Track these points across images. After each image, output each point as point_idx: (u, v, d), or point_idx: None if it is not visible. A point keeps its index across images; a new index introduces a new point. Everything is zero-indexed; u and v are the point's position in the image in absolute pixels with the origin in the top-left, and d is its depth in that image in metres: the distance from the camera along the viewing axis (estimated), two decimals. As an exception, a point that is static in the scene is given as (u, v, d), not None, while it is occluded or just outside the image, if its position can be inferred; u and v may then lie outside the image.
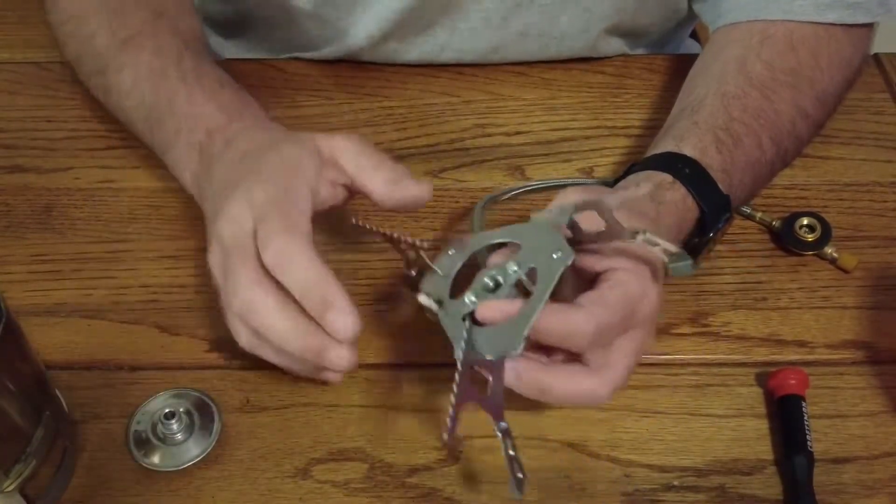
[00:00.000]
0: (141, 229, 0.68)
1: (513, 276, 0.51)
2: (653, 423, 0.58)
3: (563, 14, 0.77)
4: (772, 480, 0.56)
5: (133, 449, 0.56)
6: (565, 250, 0.50)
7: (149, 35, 0.68)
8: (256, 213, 0.53)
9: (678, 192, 0.59)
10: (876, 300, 0.64)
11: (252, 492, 0.55)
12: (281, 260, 0.51)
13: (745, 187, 0.64)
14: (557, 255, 0.50)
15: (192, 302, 0.64)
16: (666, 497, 0.55)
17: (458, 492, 0.55)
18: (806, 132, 0.69)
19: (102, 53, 0.69)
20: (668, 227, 0.58)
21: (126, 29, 0.68)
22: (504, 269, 0.51)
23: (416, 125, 0.76)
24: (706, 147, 0.62)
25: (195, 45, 0.69)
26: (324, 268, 0.51)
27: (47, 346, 0.61)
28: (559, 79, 0.80)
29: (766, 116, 0.65)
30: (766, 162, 0.66)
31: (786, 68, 0.67)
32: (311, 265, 0.51)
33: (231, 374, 0.60)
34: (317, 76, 0.80)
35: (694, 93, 0.68)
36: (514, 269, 0.51)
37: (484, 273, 0.52)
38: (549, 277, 0.50)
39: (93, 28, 0.70)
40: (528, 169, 0.73)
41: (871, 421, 0.58)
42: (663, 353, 0.62)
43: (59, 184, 0.72)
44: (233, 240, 0.53)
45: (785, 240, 0.66)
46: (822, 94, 0.69)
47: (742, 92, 0.66)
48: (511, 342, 0.49)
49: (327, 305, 0.51)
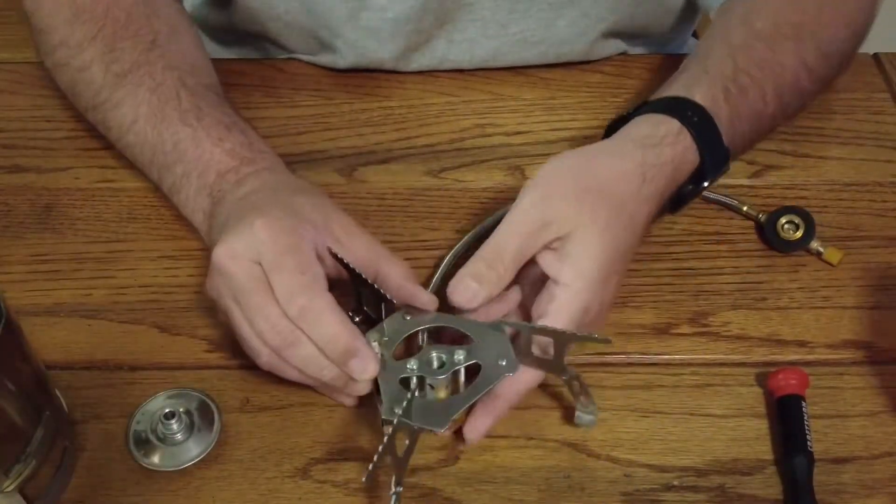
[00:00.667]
0: (140, 229, 0.68)
1: (457, 362, 0.54)
2: (653, 423, 0.58)
3: (560, 19, 0.77)
4: (771, 480, 0.56)
5: (133, 449, 0.56)
6: (511, 363, 0.54)
7: (145, 70, 0.67)
8: (265, 255, 0.54)
9: (682, 142, 0.60)
10: (876, 300, 0.64)
11: (252, 492, 0.55)
12: (306, 317, 0.53)
13: (745, 139, 0.66)
14: (503, 364, 0.54)
15: (192, 302, 0.64)
16: (666, 497, 0.55)
17: (458, 492, 0.55)
18: (809, 85, 0.69)
19: (98, 89, 0.68)
20: (649, 196, 0.59)
21: (120, 63, 0.67)
22: (451, 353, 0.55)
23: (416, 125, 0.76)
24: (716, 95, 0.63)
25: (191, 79, 0.67)
26: (346, 322, 0.54)
27: (47, 346, 0.61)
28: (559, 79, 0.80)
29: (770, 68, 0.66)
30: (768, 115, 0.67)
31: (790, 22, 0.68)
32: (334, 322, 0.53)
33: (231, 374, 0.60)
34: (317, 76, 0.80)
35: (702, 44, 0.69)
36: (459, 358, 0.54)
37: (433, 349, 0.55)
38: (489, 380, 0.53)
39: (86, 60, 0.68)
40: (527, 169, 0.73)
41: (871, 421, 0.58)
42: (663, 353, 0.62)
43: (58, 184, 0.72)
44: (247, 279, 0.54)
45: (770, 238, 0.66)
46: (825, 47, 0.69)
47: (747, 43, 0.66)
48: (439, 421, 0.52)
49: (350, 355, 0.53)
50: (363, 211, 0.70)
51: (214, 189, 0.62)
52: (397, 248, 0.67)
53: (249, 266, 0.54)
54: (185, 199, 0.64)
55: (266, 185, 0.61)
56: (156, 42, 0.68)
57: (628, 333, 0.62)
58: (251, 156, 0.63)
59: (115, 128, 0.68)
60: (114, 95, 0.67)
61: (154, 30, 0.69)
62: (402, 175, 0.72)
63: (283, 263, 0.54)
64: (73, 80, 0.70)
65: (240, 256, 0.54)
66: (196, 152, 0.63)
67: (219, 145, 0.63)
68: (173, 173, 0.64)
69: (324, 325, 0.53)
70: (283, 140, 0.74)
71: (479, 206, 0.70)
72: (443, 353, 0.55)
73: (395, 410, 0.52)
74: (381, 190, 0.71)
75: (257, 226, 0.55)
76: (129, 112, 0.66)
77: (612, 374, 0.60)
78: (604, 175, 0.58)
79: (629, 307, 0.64)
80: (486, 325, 0.56)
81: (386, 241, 0.66)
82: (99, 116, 0.69)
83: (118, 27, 0.68)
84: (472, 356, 0.54)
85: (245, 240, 0.55)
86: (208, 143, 0.63)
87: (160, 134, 0.65)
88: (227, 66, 0.80)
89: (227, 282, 0.55)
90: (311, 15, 0.76)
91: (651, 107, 0.63)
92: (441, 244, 0.68)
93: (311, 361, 0.54)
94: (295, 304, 0.53)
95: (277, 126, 0.76)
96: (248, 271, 0.54)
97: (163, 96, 0.66)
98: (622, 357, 0.61)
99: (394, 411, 0.52)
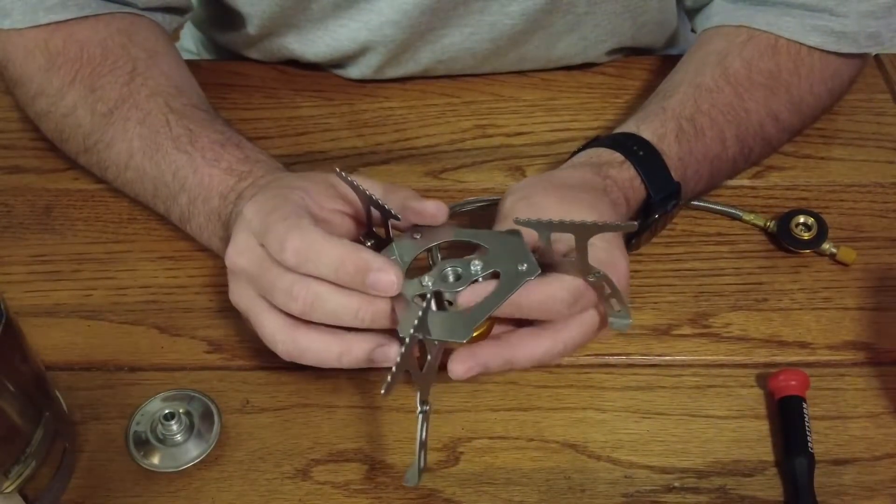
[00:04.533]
0: (140, 230, 0.68)
1: (474, 274, 0.52)
2: (653, 425, 0.58)
3: (560, 42, 0.77)
4: (772, 482, 0.55)
5: (133, 450, 0.56)
6: (531, 266, 0.51)
7: (129, 104, 0.65)
8: (256, 231, 0.53)
9: (627, 172, 0.61)
10: (877, 301, 0.64)
11: (252, 493, 0.55)
12: (305, 255, 0.51)
13: (702, 179, 0.66)
14: (523, 268, 0.51)
15: (192, 302, 0.64)
16: (666, 498, 0.55)
17: (458, 493, 0.55)
18: (776, 136, 0.70)
19: (87, 132, 0.67)
20: (615, 200, 0.59)
21: (104, 103, 0.66)
22: (467, 264, 0.52)
23: (417, 126, 0.76)
24: (666, 134, 0.64)
25: (176, 102, 0.66)
26: (346, 243, 0.51)
27: (47, 347, 0.61)
28: (559, 80, 0.80)
29: (734, 113, 0.66)
30: (728, 158, 0.67)
31: (764, 69, 0.68)
32: (331, 244, 0.51)
33: (231, 375, 0.60)
34: (317, 77, 0.80)
35: (672, 79, 0.70)
36: (476, 269, 0.52)
37: (447, 263, 0.53)
38: (511, 286, 0.51)
39: (69, 105, 0.67)
40: (528, 170, 0.73)
41: (872, 422, 0.58)
42: (664, 355, 0.61)
43: (58, 184, 0.72)
44: (254, 265, 0.53)
45: (782, 239, 0.66)
46: (797, 101, 0.69)
47: (716, 85, 0.67)
48: (459, 333, 0.50)
49: (364, 272, 0.50)
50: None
51: (223, 214, 0.61)
52: (398, 249, 0.67)
53: (254, 252, 0.53)
54: (197, 227, 0.63)
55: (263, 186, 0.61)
56: (135, 71, 0.67)
57: (629, 334, 0.62)
58: (247, 169, 0.62)
59: (111, 167, 0.67)
60: (105, 136, 0.66)
61: (132, 57, 0.68)
62: (402, 176, 0.72)
63: (268, 223, 0.52)
64: (58, 127, 0.69)
65: (244, 249, 0.54)
66: (195, 178, 0.62)
67: (215, 166, 0.62)
68: (179, 204, 0.63)
69: (324, 254, 0.51)
70: (283, 141, 0.74)
71: (480, 207, 0.70)
72: (458, 265, 0.52)
73: (411, 330, 0.49)
74: (381, 191, 0.71)
75: (246, 212, 0.54)
76: (123, 149, 0.65)
77: (613, 375, 0.60)
78: (571, 180, 0.60)
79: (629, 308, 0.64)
80: (500, 233, 0.54)
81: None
82: (93, 159, 0.68)
83: (95, 65, 0.67)
84: (490, 265, 0.52)
85: (242, 231, 0.54)
86: (205, 167, 0.62)
87: (158, 165, 0.64)
88: (227, 68, 0.80)
89: (243, 278, 0.54)
90: None
91: (599, 142, 0.64)
92: (441, 244, 0.67)
93: (342, 310, 0.51)
94: (288, 249, 0.51)
95: (278, 127, 0.76)
96: (255, 258, 0.53)
97: (152, 126, 0.64)
98: (623, 358, 0.61)
99: (410, 329, 0.49)
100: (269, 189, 0.57)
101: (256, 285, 0.54)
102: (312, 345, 0.52)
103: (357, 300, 0.51)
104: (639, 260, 0.67)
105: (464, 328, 0.50)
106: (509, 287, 0.51)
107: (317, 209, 0.55)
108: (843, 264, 0.66)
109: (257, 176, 0.61)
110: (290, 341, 0.52)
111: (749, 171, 0.72)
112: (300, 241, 0.51)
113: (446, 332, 0.50)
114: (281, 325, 0.53)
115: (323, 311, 0.51)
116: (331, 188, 0.57)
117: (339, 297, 0.51)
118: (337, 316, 0.51)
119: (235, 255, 0.54)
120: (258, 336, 0.54)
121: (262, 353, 0.61)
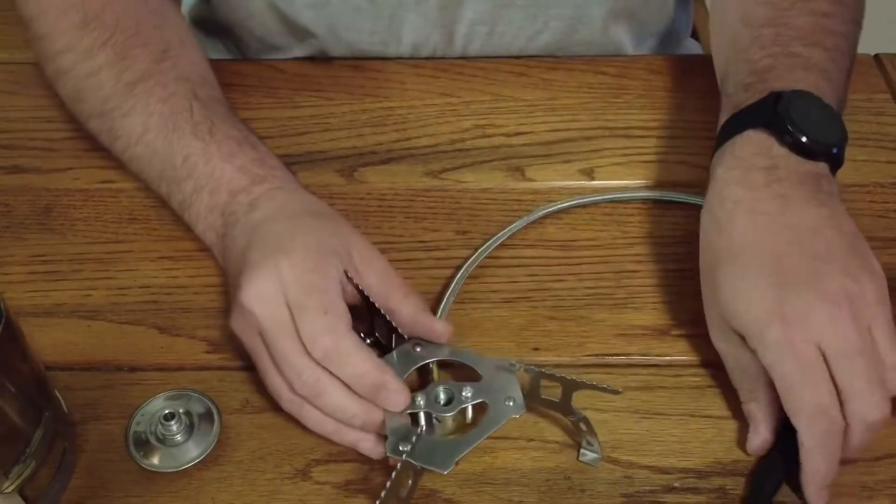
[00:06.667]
0: (140, 230, 0.68)
1: (464, 400, 0.54)
2: (653, 425, 0.58)
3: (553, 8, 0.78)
4: (772, 482, 0.55)
5: (133, 450, 0.56)
6: (518, 404, 0.54)
7: (156, 80, 0.66)
8: (290, 296, 0.54)
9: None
10: (877, 301, 0.64)
11: (252, 493, 0.55)
12: (332, 358, 0.54)
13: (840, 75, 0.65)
14: (510, 405, 0.54)
15: (192, 303, 0.64)
16: (666, 498, 0.55)
17: (458, 493, 0.55)
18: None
19: (107, 96, 0.67)
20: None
21: (132, 72, 0.66)
22: (459, 389, 0.55)
23: (417, 125, 0.76)
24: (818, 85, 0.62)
25: (202, 91, 0.67)
26: (372, 357, 0.54)
27: (47, 347, 0.61)
28: (560, 79, 0.80)
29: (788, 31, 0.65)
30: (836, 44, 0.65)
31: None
32: (361, 360, 0.54)
33: (231, 375, 0.60)
34: (317, 76, 0.80)
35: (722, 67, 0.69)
36: (467, 395, 0.54)
37: (440, 384, 0.55)
38: (496, 421, 0.54)
39: (95, 66, 0.67)
40: (528, 170, 0.73)
41: (872, 422, 0.58)
42: (664, 355, 0.61)
43: (58, 184, 0.71)
44: (273, 324, 0.54)
45: None
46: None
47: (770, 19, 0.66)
48: (443, 463, 0.52)
49: (380, 389, 0.54)
50: (363, 212, 0.70)
51: (227, 210, 0.61)
52: (397, 249, 0.67)
53: (277, 310, 0.54)
54: (195, 216, 0.63)
55: (282, 208, 0.61)
56: (167, 52, 0.68)
57: (629, 335, 0.62)
58: (262, 173, 0.62)
59: (123, 137, 0.67)
60: (124, 104, 0.66)
61: (165, 40, 0.69)
62: (402, 176, 0.72)
63: (307, 303, 0.54)
64: (77, 86, 0.69)
65: (268, 301, 0.55)
66: (206, 168, 0.62)
67: (230, 162, 0.62)
68: (183, 190, 0.64)
69: (350, 364, 0.54)
70: (283, 141, 0.74)
71: (480, 207, 0.70)
72: (451, 388, 0.55)
73: (400, 448, 0.52)
74: (381, 191, 0.71)
75: (283, 267, 0.55)
76: (139, 122, 0.65)
77: (613, 375, 0.60)
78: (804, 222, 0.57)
79: (630, 308, 0.64)
80: (495, 362, 0.56)
81: (386, 241, 0.67)
82: (106, 125, 0.68)
83: (128, 36, 0.68)
84: (480, 394, 0.54)
85: (273, 283, 0.55)
86: (219, 160, 0.62)
87: (171, 146, 0.64)
88: (226, 67, 0.80)
89: (255, 323, 0.55)
90: None
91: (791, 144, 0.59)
92: (441, 245, 0.68)
93: (341, 411, 0.54)
94: (320, 345, 0.53)
95: (277, 126, 0.76)
96: (276, 316, 0.54)
97: (175, 107, 0.65)
98: (623, 358, 0.61)
99: (399, 449, 0.52)
100: (302, 241, 0.57)
101: (266, 338, 0.55)
102: (312, 416, 0.56)
103: (359, 406, 0.54)
104: (639, 260, 0.67)
105: (446, 459, 0.52)
106: (495, 421, 0.53)
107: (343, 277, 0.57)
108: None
109: (273, 185, 0.62)
110: (296, 407, 0.56)
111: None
112: (332, 345, 0.53)
113: (429, 458, 0.52)
114: (287, 390, 0.55)
115: (322, 403, 0.55)
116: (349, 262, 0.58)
117: (344, 399, 0.54)
118: (333, 412, 0.55)
119: (256, 300, 0.55)
120: None
121: (262, 353, 0.61)
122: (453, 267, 0.66)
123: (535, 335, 0.62)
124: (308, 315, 0.54)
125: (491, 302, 0.64)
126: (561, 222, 0.69)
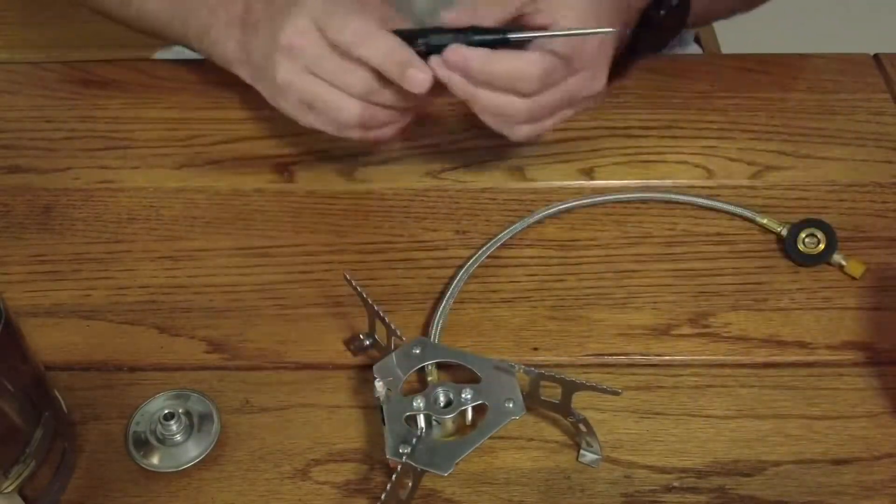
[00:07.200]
0: (140, 230, 0.68)
1: (463, 402, 0.54)
2: (653, 424, 0.58)
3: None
4: (772, 482, 0.55)
5: (132, 450, 0.56)
6: (518, 405, 0.54)
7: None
8: (317, 16, 0.59)
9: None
10: (877, 301, 0.64)
11: (251, 493, 0.55)
12: (359, 37, 0.58)
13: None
14: (509, 406, 0.54)
15: (191, 302, 0.64)
16: (666, 498, 0.55)
17: (458, 493, 0.55)
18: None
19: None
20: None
21: None
22: (458, 391, 0.55)
23: (417, 125, 0.76)
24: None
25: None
26: (399, 39, 0.58)
27: (46, 347, 0.61)
28: (559, 79, 0.80)
29: None
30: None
31: None
32: (387, 37, 0.58)
33: (230, 375, 0.60)
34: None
35: None
36: (467, 397, 0.54)
37: (439, 386, 0.55)
38: (496, 422, 0.53)
39: None
40: (528, 170, 0.73)
41: (872, 422, 0.58)
42: (663, 354, 0.61)
43: (58, 184, 0.71)
44: (318, 48, 0.59)
45: (791, 255, 0.66)
46: None
47: None
48: (443, 464, 0.52)
49: (406, 65, 0.58)
50: (363, 211, 0.70)
51: (245, 19, 0.64)
52: (397, 249, 0.67)
53: (317, 37, 0.59)
54: (213, 41, 0.66)
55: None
56: None
57: (629, 335, 0.62)
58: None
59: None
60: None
61: None
62: (402, 176, 0.72)
63: (334, 9, 0.59)
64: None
65: (306, 30, 0.59)
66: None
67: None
68: (199, 17, 0.67)
69: (379, 42, 0.58)
70: (283, 141, 0.74)
71: (480, 207, 0.70)
72: (450, 390, 0.55)
73: (400, 451, 0.52)
74: (381, 190, 0.71)
75: (316, 5, 0.59)
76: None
77: (613, 375, 0.60)
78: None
79: (629, 308, 0.64)
80: (494, 363, 0.56)
81: (386, 241, 0.67)
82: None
83: None
84: (479, 396, 0.54)
85: (303, 16, 0.59)
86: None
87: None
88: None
89: (300, 58, 0.59)
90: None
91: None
92: (441, 245, 0.68)
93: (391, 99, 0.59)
94: (349, 30, 0.57)
95: (278, 127, 0.75)
96: (317, 41, 0.59)
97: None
98: (622, 358, 0.61)
99: (399, 451, 0.52)
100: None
101: (313, 66, 0.59)
102: (379, 113, 0.61)
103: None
104: (639, 260, 0.67)
105: (446, 460, 0.52)
106: (495, 423, 0.53)
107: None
108: (852, 277, 0.65)
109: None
110: (363, 105, 0.60)
111: (748, 171, 0.72)
112: (361, 25, 0.58)
113: (429, 460, 0.52)
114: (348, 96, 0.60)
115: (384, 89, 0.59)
116: None
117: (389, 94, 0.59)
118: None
119: (295, 34, 0.59)
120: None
121: (262, 353, 0.61)
122: (453, 267, 0.66)
123: (534, 335, 0.62)
124: (336, 15, 0.58)
125: (490, 302, 0.64)
126: (561, 222, 0.69)
